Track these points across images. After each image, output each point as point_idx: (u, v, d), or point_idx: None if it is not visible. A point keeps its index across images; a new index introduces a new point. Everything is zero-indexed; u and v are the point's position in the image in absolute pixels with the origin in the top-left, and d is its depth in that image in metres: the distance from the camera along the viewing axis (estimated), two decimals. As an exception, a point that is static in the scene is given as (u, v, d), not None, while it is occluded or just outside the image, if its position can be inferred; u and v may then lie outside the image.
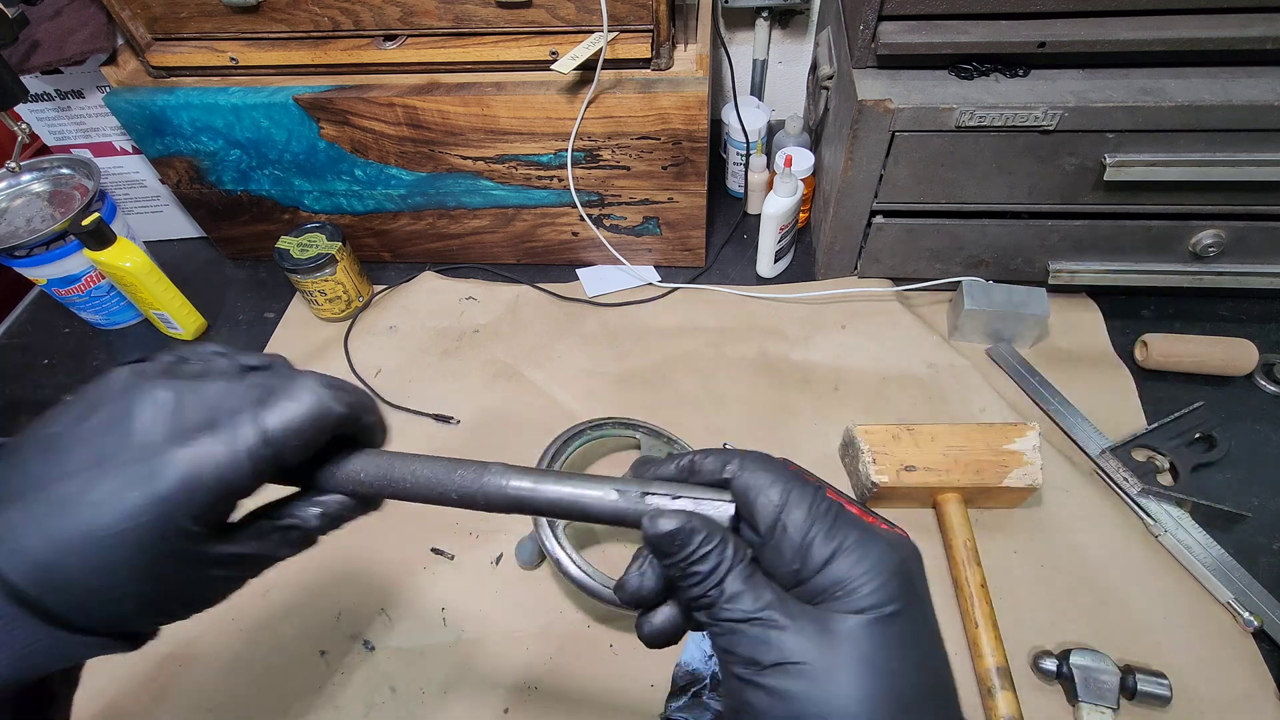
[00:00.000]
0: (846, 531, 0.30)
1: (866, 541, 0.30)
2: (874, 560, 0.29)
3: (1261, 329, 0.92)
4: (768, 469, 0.32)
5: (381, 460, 0.38)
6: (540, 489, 0.34)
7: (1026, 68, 0.79)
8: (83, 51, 0.90)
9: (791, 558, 0.30)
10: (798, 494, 0.31)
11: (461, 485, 0.36)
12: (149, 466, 0.28)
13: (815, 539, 0.30)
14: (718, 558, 0.31)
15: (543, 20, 0.86)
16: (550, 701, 0.68)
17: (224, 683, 0.70)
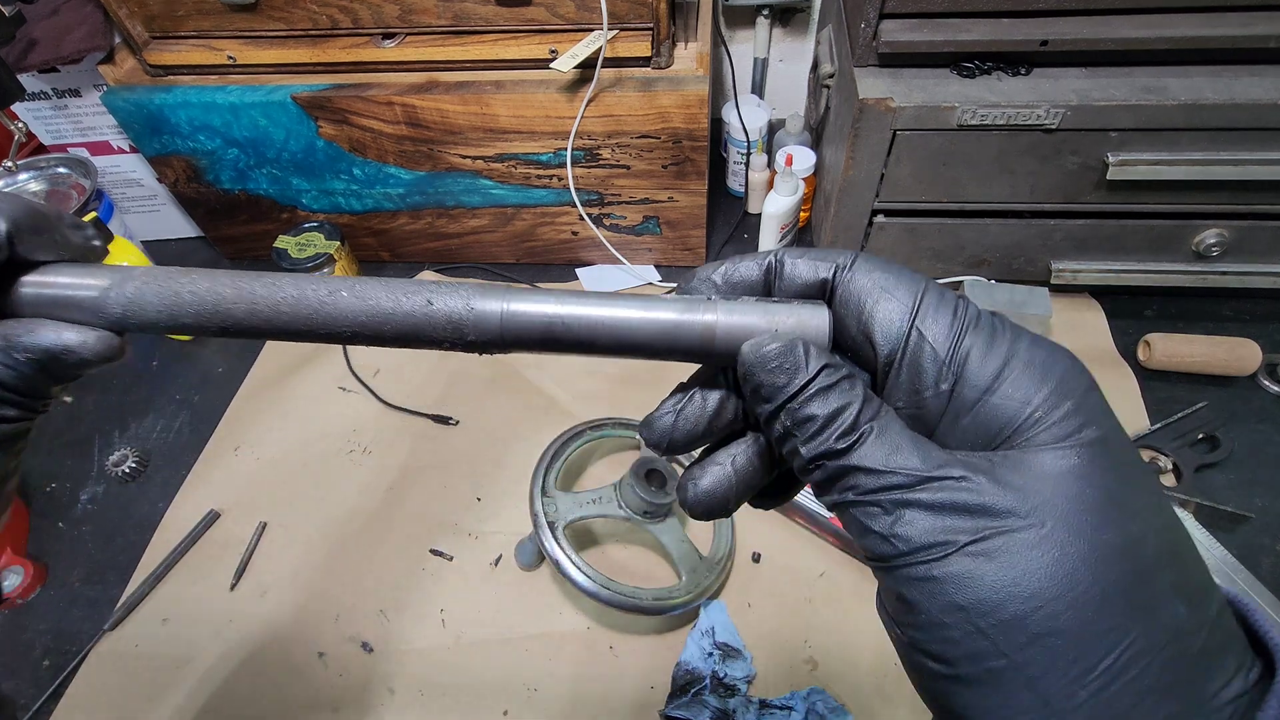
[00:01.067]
0: (1015, 336, 0.22)
1: (1043, 346, 0.22)
2: (1062, 370, 0.22)
3: (1265, 329, 0.92)
4: (888, 269, 0.24)
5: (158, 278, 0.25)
6: (564, 312, 0.25)
7: (1028, 66, 0.78)
8: (80, 50, 0.89)
9: (939, 376, 0.22)
10: (935, 296, 0.23)
11: (421, 312, 0.25)
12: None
13: (972, 348, 0.22)
14: (846, 394, 0.22)
15: (542, 18, 0.86)
16: (550, 702, 0.67)
17: (221, 685, 0.70)
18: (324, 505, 0.82)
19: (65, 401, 0.95)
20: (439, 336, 0.25)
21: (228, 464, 0.87)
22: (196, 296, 0.25)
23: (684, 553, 0.72)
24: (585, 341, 0.25)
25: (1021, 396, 0.21)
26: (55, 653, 0.73)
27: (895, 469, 0.21)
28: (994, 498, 0.20)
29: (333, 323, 0.25)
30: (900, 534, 0.21)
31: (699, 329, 0.24)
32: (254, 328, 0.25)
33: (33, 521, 0.83)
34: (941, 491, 0.20)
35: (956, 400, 0.22)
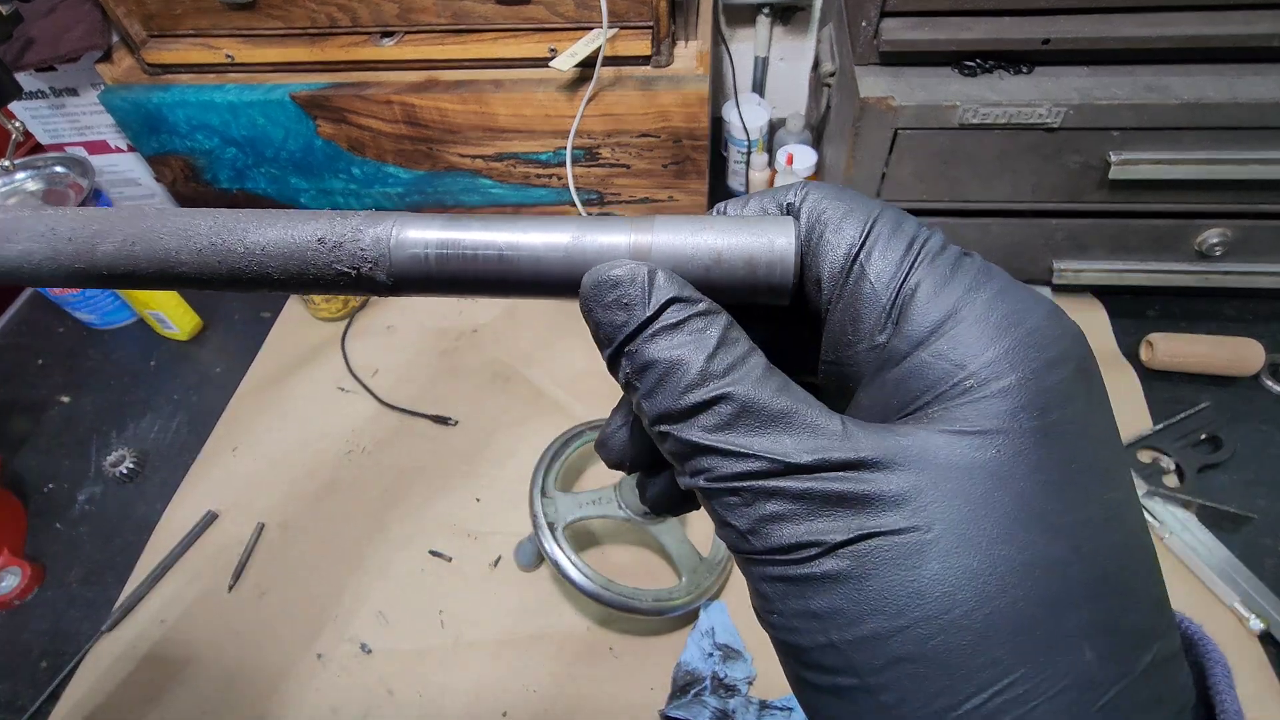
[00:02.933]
0: (981, 278, 0.18)
1: (1014, 297, 0.18)
2: (1026, 331, 0.17)
3: (1268, 328, 0.91)
4: (840, 195, 0.21)
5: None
6: (457, 238, 0.21)
7: (1030, 65, 0.78)
8: (77, 49, 0.89)
9: (875, 325, 0.19)
10: (889, 223, 0.19)
11: (272, 243, 0.21)
12: None
13: (920, 287, 0.18)
14: (695, 337, 0.18)
15: (542, 17, 0.85)
16: (549, 703, 0.67)
17: (219, 686, 0.69)
18: (322, 506, 0.82)
19: (63, 401, 0.94)
20: (328, 276, 0.22)
21: (226, 464, 0.86)
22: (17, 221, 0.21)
23: (684, 554, 0.71)
24: (490, 275, 0.21)
25: (957, 356, 0.17)
26: (53, 654, 0.72)
27: (755, 450, 0.17)
28: (882, 489, 0.16)
29: (177, 237, 0.21)
30: (759, 531, 0.17)
31: (625, 252, 0.20)
32: (134, 272, 0.21)
33: (30, 522, 0.83)
34: (814, 481, 0.17)
35: (886, 352, 0.18)
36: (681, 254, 0.20)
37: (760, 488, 0.17)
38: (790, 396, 0.18)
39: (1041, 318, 0.18)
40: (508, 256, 0.20)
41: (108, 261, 0.21)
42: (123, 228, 0.21)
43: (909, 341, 0.18)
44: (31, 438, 0.91)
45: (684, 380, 0.18)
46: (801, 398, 0.18)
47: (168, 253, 0.21)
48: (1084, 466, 0.17)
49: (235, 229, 0.21)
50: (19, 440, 0.91)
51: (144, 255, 0.21)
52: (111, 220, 0.21)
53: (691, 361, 0.18)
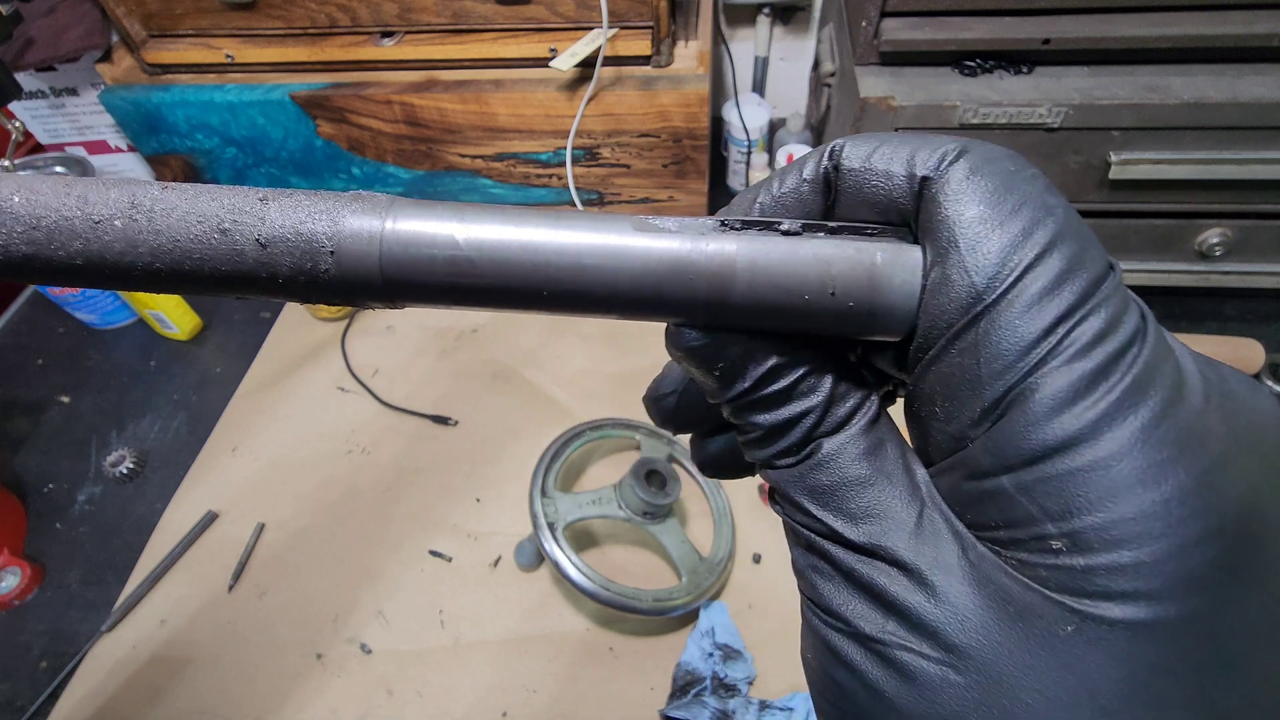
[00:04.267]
0: (1141, 379, 0.13)
1: (1181, 412, 0.13)
2: (1202, 467, 0.13)
3: (1268, 329, 0.91)
4: (1006, 181, 0.15)
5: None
6: (475, 237, 0.16)
7: (1031, 65, 0.78)
8: (77, 48, 0.89)
9: (971, 413, 0.15)
10: (1066, 255, 0.14)
11: (245, 231, 0.16)
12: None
13: (1052, 377, 0.14)
14: (801, 402, 0.17)
15: (542, 17, 0.85)
16: (549, 704, 0.67)
17: (219, 686, 0.69)
18: (322, 506, 0.82)
19: (63, 401, 0.94)
20: (275, 273, 0.16)
21: (226, 465, 0.86)
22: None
23: (684, 554, 0.71)
24: (523, 285, 0.16)
25: (1055, 506, 0.13)
26: (53, 654, 0.72)
27: (812, 512, 0.17)
28: (927, 616, 0.14)
29: (86, 237, 0.15)
30: (805, 575, 0.17)
31: (706, 269, 0.16)
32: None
33: (30, 522, 0.83)
34: (860, 563, 0.16)
35: (974, 453, 0.15)
36: (775, 278, 0.16)
37: (813, 543, 0.17)
38: (875, 464, 0.16)
39: (1190, 474, 0.13)
40: (552, 263, 0.16)
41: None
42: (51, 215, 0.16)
43: (997, 459, 0.14)
44: (31, 438, 0.91)
45: (785, 443, 0.17)
46: (890, 469, 0.16)
47: (118, 261, 0.16)
48: (1203, 699, 0.13)
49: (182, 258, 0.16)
50: (19, 440, 0.91)
51: (169, 270, 0.16)
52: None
53: (795, 429, 0.17)
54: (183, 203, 0.16)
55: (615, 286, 0.16)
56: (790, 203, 0.17)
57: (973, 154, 0.15)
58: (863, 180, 0.16)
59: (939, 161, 0.15)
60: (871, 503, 0.16)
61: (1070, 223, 0.14)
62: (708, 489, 0.77)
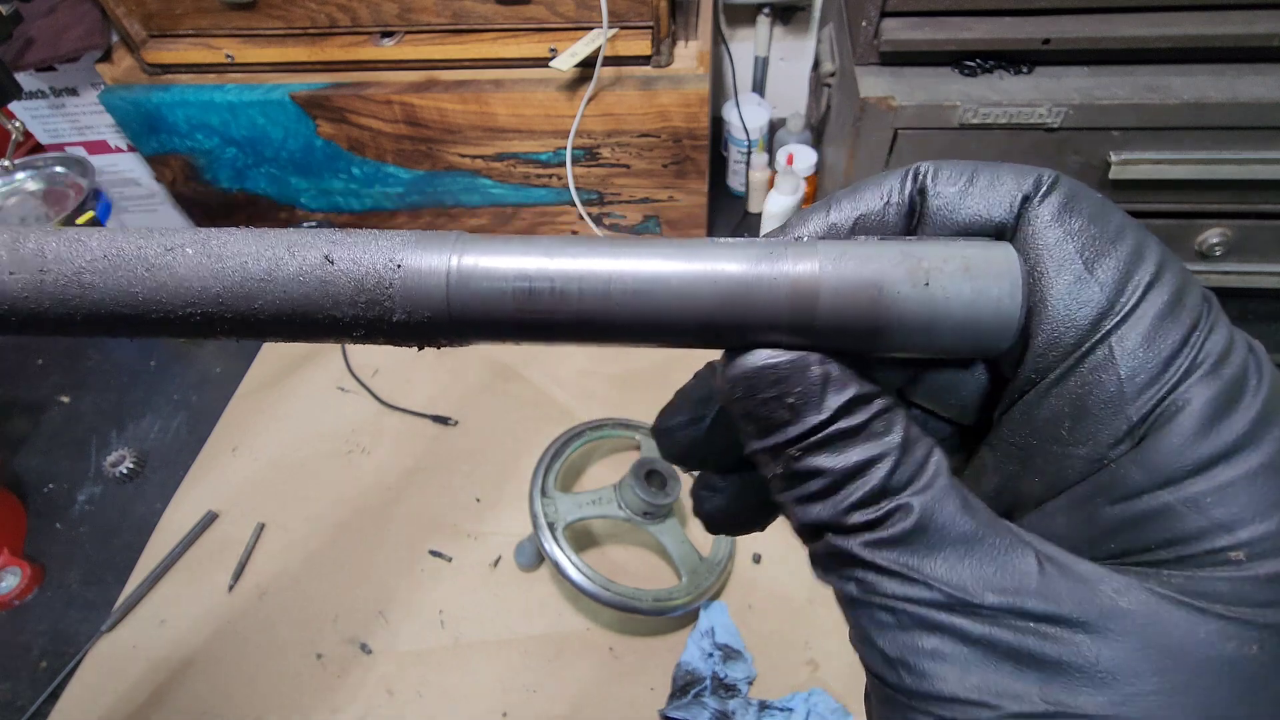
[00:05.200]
0: (1267, 407, 0.14)
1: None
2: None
3: (1269, 329, 0.91)
4: (1102, 216, 0.15)
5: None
6: (553, 268, 0.15)
7: (1030, 65, 0.78)
8: (77, 48, 0.89)
9: (1112, 431, 0.14)
10: (1170, 288, 0.14)
11: (313, 275, 0.15)
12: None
13: (1192, 403, 0.14)
14: (878, 445, 0.15)
15: (542, 17, 0.85)
16: (549, 704, 0.67)
17: (219, 687, 0.69)
18: (322, 506, 0.82)
19: (63, 401, 0.94)
20: (347, 319, 0.15)
21: (226, 465, 0.86)
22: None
23: (684, 554, 0.71)
24: (593, 317, 0.15)
25: (1224, 514, 0.13)
26: (53, 654, 0.72)
27: (928, 578, 0.14)
28: (1086, 658, 0.13)
29: (169, 298, 0.15)
30: (913, 666, 0.14)
31: (784, 288, 0.15)
32: (39, 313, 0.15)
33: (30, 522, 0.83)
34: (999, 629, 0.13)
35: (1114, 474, 0.14)
36: (860, 301, 0.15)
37: (926, 618, 0.14)
38: (975, 517, 0.14)
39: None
40: (620, 295, 0.15)
41: (37, 310, 0.15)
42: (62, 257, 0.15)
43: (1155, 475, 0.14)
44: (31, 438, 0.91)
45: (856, 495, 0.15)
46: (988, 520, 0.14)
47: (180, 325, 0.16)
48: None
49: (242, 294, 0.15)
50: (19, 440, 0.91)
51: (93, 302, 0.16)
52: (43, 246, 0.16)
53: (868, 475, 0.15)
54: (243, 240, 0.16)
55: (693, 312, 0.15)
56: (870, 225, 0.16)
57: (1065, 181, 0.15)
58: (958, 205, 0.16)
59: (1036, 187, 0.15)
60: (992, 556, 0.14)
61: (1165, 249, 0.15)
62: (708, 489, 0.77)
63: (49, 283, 0.15)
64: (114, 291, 0.15)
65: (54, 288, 0.15)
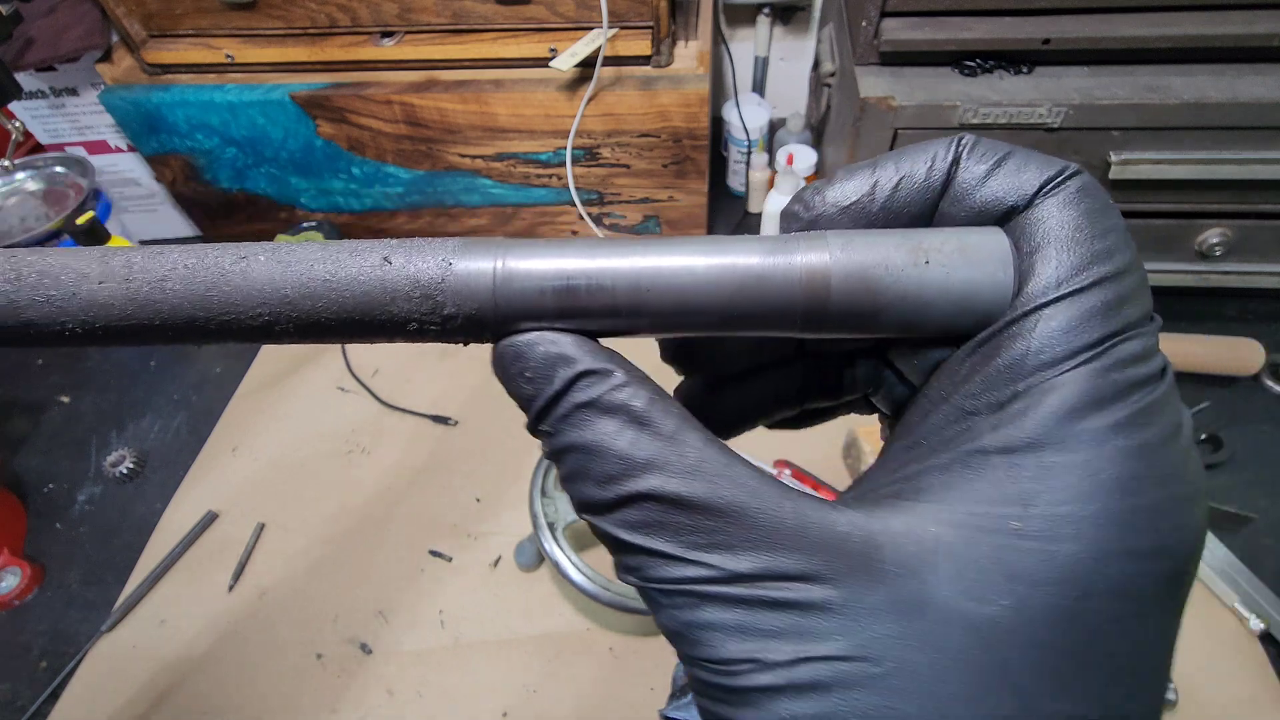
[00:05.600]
0: (1134, 417, 0.15)
1: (1152, 457, 0.15)
2: (1144, 503, 0.14)
3: (1268, 329, 0.91)
4: (1093, 213, 0.16)
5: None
6: (590, 267, 0.17)
7: (1031, 65, 0.78)
8: (77, 48, 0.89)
9: (984, 401, 0.15)
10: (1116, 290, 0.15)
11: (373, 277, 0.17)
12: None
13: (1062, 389, 0.15)
14: (612, 422, 0.16)
15: (542, 17, 0.85)
16: (549, 704, 0.67)
17: (219, 686, 0.69)
18: (322, 506, 0.82)
19: (63, 401, 0.94)
20: (402, 315, 0.17)
21: (226, 465, 0.86)
22: (48, 277, 0.17)
23: (684, 554, 0.71)
24: (625, 309, 0.17)
25: (1026, 490, 0.15)
26: (53, 654, 0.72)
27: (688, 555, 0.15)
28: (821, 602, 0.14)
29: (242, 300, 0.17)
30: (693, 638, 0.15)
31: (797, 278, 0.16)
32: (128, 320, 0.17)
33: (30, 522, 0.83)
34: (757, 588, 0.15)
35: (966, 427, 0.16)
36: (868, 282, 0.16)
37: (695, 592, 0.15)
38: (733, 481, 0.15)
39: (1167, 498, 0.14)
40: (649, 289, 0.17)
41: (127, 316, 0.17)
42: (146, 269, 0.17)
43: (998, 441, 0.15)
44: (31, 438, 0.91)
45: (602, 469, 0.15)
46: (746, 480, 0.15)
47: (231, 335, 0.17)
48: (1103, 664, 0.14)
49: (308, 294, 0.17)
50: (19, 440, 0.91)
51: (174, 305, 0.17)
52: (129, 259, 0.17)
53: (608, 448, 0.15)
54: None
55: (716, 301, 0.17)
56: (916, 188, 0.17)
57: (1083, 177, 0.16)
58: (981, 185, 0.17)
59: (1057, 174, 0.16)
60: (749, 520, 0.15)
61: (1140, 264, 0.16)
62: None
63: (134, 289, 0.17)
64: (193, 296, 0.17)
65: (140, 295, 0.17)
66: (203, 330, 0.17)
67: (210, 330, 0.17)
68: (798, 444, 0.83)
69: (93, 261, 0.17)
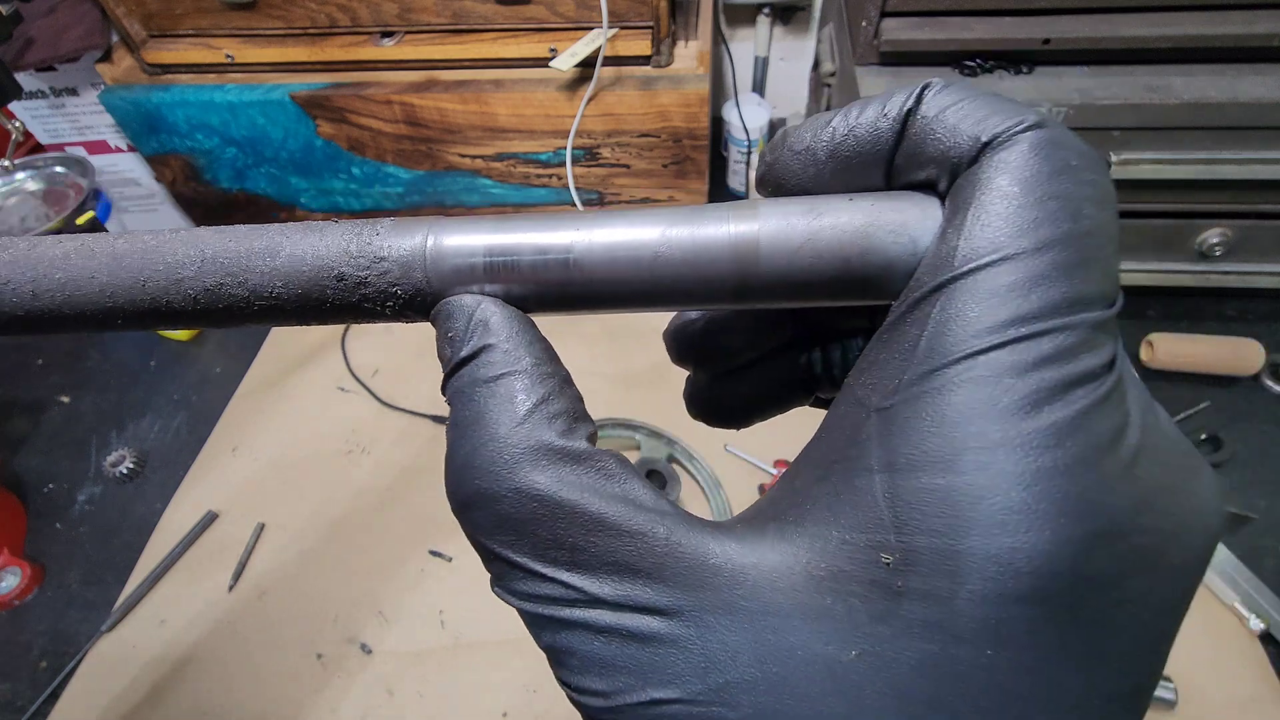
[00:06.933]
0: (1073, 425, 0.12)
1: (1096, 471, 0.12)
2: (1099, 527, 0.12)
3: (1268, 328, 0.91)
4: (1066, 165, 0.14)
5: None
6: (509, 242, 0.17)
7: (1031, 65, 0.78)
8: (77, 48, 0.89)
9: (892, 389, 0.14)
10: (1067, 258, 0.13)
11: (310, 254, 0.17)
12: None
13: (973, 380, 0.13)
14: (495, 385, 0.15)
15: (542, 17, 0.85)
16: (550, 705, 0.67)
17: (219, 686, 0.69)
18: (322, 506, 0.82)
19: (63, 401, 0.94)
20: (333, 290, 0.17)
21: (226, 464, 0.86)
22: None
23: (684, 554, 0.71)
24: (551, 288, 0.17)
25: (964, 515, 0.12)
26: (53, 654, 0.72)
27: (549, 573, 0.14)
28: (679, 640, 0.13)
29: (166, 270, 0.17)
30: (560, 661, 0.14)
31: (726, 247, 0.16)
32: (55, 306, 0.18)
33: (30, 522, 0.83)
34: (619, 617, 0.13)
35: (907, 417, 0.13)
36: (797, 251, 0.16)
37: (555, 617, 0.14)
38: (606, 494, 0.14)
39: (1055, 539, 0.12)
40: (577, 263, 0.16)
41: (86, 310, 0.18)
42: (100, 272, 0.18)
43: (882, 457, 0.13)
44: (31, 438, 0.91)
45: (481, 455, 0.14)
46: (624, 494, 0.14)
47: (155, 301, 0.18)
48: (972, 715, 0.12)
49: (234, 268, 0.17)
50: (19, 440, 0.91)
51: (126, 304, 0.18)
52: (86, 263, 0.18)
53: (494, 425, 0.14)
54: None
55: (645, 276, 0.16)
56: (863, 136, 0.16)
57: (1043, 132, 0.14)
58: (930, 131, 0.15)
59: (1008, 128, 0.14)
60: (621, 536, 0.14)
61: (1090, 237, 0.13)
62: (708, 489, 0.77)
63: (72, 266, 0.18)
64: (143, 305, 0.18)
65: (76, 270, 0.18)
66: (131, 315, 0.18)
67: (140, 314, 0.18)
68: (798, 444, 0.83)
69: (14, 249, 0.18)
